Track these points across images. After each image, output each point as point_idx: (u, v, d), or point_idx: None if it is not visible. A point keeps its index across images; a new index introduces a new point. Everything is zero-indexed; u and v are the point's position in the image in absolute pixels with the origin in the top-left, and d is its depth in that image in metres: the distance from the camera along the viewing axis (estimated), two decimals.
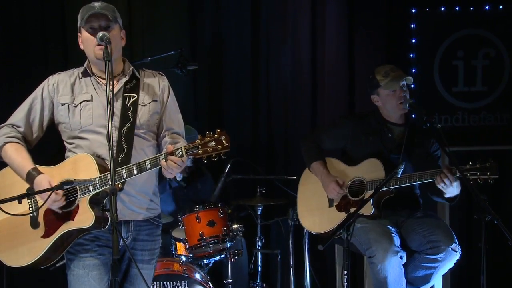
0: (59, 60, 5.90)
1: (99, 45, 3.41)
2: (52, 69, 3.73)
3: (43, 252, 3.45)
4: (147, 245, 3.60)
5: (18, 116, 3.60)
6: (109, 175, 3.26)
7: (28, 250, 3.48)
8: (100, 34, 3.37)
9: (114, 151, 3.29)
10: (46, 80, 3.62)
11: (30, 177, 3.44)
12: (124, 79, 3.56)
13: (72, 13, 5.82)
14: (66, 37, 5.97)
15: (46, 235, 3.46)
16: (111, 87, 3.26)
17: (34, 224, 3.51)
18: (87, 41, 3.48)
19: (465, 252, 4.93)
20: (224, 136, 3.25)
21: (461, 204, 6.08)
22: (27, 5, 5.96)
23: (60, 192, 3.36)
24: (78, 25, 3.52)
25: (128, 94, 3.54)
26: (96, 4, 3.48)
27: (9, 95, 5.71)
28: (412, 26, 6.27)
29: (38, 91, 3.61)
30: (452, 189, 4.46)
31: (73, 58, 5.68)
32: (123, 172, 3.33)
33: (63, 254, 3.50)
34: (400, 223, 4.80)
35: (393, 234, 4.63)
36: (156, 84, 3.64)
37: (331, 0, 6.36)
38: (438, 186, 4.44)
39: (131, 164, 3.35)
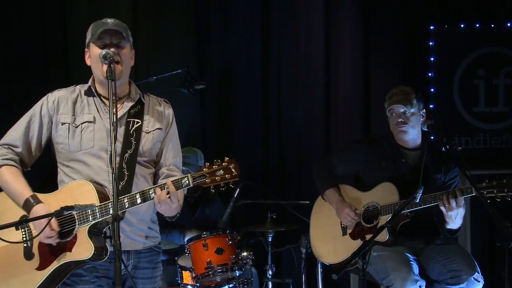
0: (60, 80, 5.81)
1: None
2: (52, 89, 3.58)
3: (37, 285, 3.32)
4: (148, 273, 3.52)
5: (14, 134, 3.49)
6: (109, 204, 3.22)
7: (21, 283, 3.37)
8: (104, 52, 3.30)
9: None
10: (45, 97, 3.52)
11: (27, 205, 3.33)
12: (129, 103, 3.49)
13: (74, 33, 5.83)
14: (68, 57, 5.95)
15: (41, 267, 3.34)
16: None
17: (28, 255, 3.38)
18: (94, 56, 3.39)
19: (488, 282, 4.87)
20: (233, 165, 3.19)
21: (483, 231, 6.10)
22: (28, 25, 5.92)
23: (55, 227, 3.27)
24: (87, 41, 3.45)
25: (132, 120, 3.47)
26: (109, 20, 3.42)
27: (8, 116, 5.57)
28: (431, 43, 6.26)
29: (36, 108, 3.50)
30: (454, 213, 4.36)
31: (74, 78, 5.59)
32: (125, 201, 3.24)
33: (59, 286, 3.38)
34: (419, 251, 4.69)
35: (411, 262, 4.50)
36: (161, 111, 3.57)
37: (345, 18, 6.34)
38: (441, 207, 4.37)
39: (133, 193, 3.27)
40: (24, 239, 3.37)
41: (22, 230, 3.38)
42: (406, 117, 4.65)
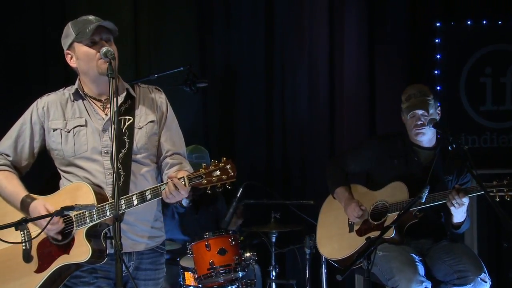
0: (60, 80, 5.65)
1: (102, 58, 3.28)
2: (52, 90, 3.53)
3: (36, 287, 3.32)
4: (150, 274, 3.48)
5: (5, 144, 3.48)
6: (106, 205, 3.21)
7: (20, 285, 3.36)
8: (104, 49, 3.25)
9: (112, 180, 3.19)
10: (34, 103, 3.48)
11: (24, 204, 3.32)
12: (119, 101, 3.40)
13: None
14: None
15: (39, 269, 3.34)
16: (108, 108, 3.18)
17: (27, 257, 3.38)
18: (87, 56, 3.33)
19: (495, 282, 4.81)
20: (230, 165, 3.15)
21: (490, 232, 6.09)
22: (28, 24, 5.87)
23: (60, 222, 3.26)
24: (70, 41, 3.38)
25: (123, 117, 3.39)
26: (91, 17, 3.36)
27: (7, 116, 5.54)
28: (437, 41, 6.22)
29: (26, 115, 3.47)
30: (461, 210, 4.39)
31: (74, 78, 5.55)
32: (121, 203, 3.20)
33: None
34: (424, 251, 4.69)
35: (417, 263, 4.49)
36: (153, 101, 3.49)
37: (350, 15, 6.30)
38: (448, 203, 4.37)
39: (130, 195, 3.23)
40: (23, 240, 3.35)
41: (21, 232, 3.35)
42: (426, 119, 4.64)
